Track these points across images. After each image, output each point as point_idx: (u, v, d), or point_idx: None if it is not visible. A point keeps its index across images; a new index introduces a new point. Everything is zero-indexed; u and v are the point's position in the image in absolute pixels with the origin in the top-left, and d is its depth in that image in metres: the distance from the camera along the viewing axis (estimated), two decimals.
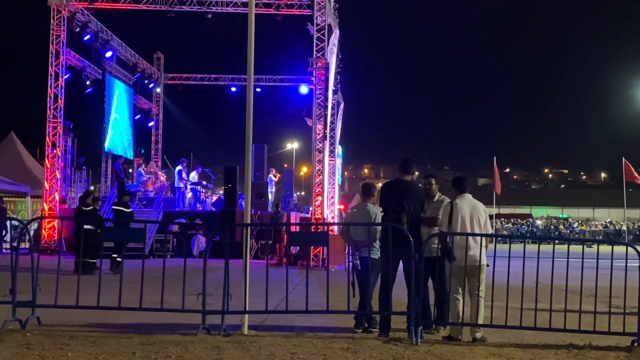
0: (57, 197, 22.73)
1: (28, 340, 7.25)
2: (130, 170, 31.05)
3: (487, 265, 8.08)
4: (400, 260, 8.29)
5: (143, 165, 28.91)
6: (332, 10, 24.02)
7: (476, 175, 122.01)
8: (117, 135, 30.16)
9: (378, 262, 8.53)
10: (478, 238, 8.04)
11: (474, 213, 8.20)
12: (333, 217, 25.63)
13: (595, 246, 8.87)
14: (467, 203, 8.27)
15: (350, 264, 8.65)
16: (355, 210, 9.43)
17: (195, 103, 47.77)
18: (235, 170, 24.47)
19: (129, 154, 31.45)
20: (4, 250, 21.62)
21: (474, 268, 7.97)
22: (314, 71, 22.47)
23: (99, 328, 8.21)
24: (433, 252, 8.15)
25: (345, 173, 76.04)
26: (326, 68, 22.22)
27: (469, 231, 8.09)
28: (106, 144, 29.15)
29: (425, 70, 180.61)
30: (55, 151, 22.79)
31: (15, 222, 17.65)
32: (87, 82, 27.57)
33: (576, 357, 7.14)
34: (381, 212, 8.66)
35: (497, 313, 8.12)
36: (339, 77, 27.62)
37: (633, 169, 37.10)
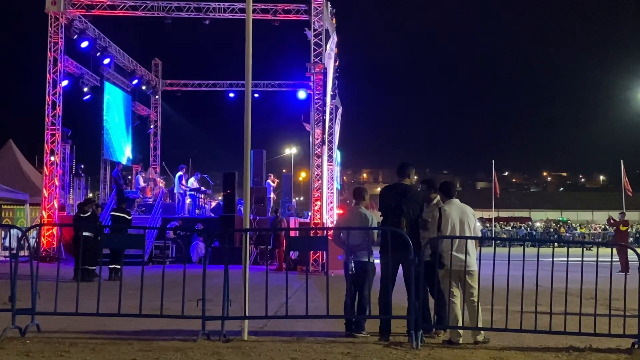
0: (55, 205, 22.70)
1: (28, 348, 7.24)
2: (129, 177, 31.03)
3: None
4: (400, 265, 8.29)
5: (142, 172, 28.90)
6: (329, 16, 24.05)
7: (475, 179, 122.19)
8: (116, 142, 30.15)
9: (373, 266, 8.55)
10: (469, 244, 8.04)
11: (463, 218, 8.21)
12: (332, 222, 25.60)
13: (594, 248, 8.85)
14: (456, 208, 8.26)
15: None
16: (348, 214, 9.40)
17: (194, 109, 47.90)
18: (234, 175, 24.45)
19: (128, 161, 31.44)
20: (2, 258, 21.61)
21: (466, 273, 7.98)
22: (312, 76, 22.47)
23: (99, 335, 8.19)
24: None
25: (345, 178, 76.10)
26: (324, 73, 22.21)
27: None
28: (104, 151, 29.14)
29: (423, 74, 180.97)
30: (53, 158, 22.75)
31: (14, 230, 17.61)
32: (85, 89, 27.57)
33: None
34: (380, 216, 8.66)
35: (498, 316, 8.12)
36: (336, 82, 27.62)
37: (628, 181, 37.32)
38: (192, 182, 27.32)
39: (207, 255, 8.92)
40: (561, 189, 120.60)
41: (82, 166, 28.80)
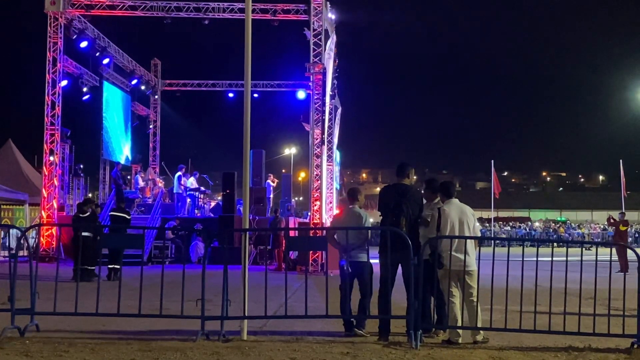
0: (55, 205, 22.69)
1: (27, 348, 7.24)
2: (128, 177, 31.00)
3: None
4: (399, 264, 8.29)
5: (141, 172, 28.89)
6: (329, 16, 24.04)
7: (475, 179, 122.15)
8: (115, 142, 30.15)
9: (370, 265, 8.57)
10: (468, 244, 8.04)
11: (462, 218, 8.21)
12: (332, 222, 25.59)
13: (594, 248, 8.86)
14: (455, 208, 8.27)
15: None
16: (343, 214, 9.43)
17: (193, 109, 47.92)
18: (234, 176, 24.46)
19: (126, 161, 31.42)
20: (1, 258, 21.59)
21: (465, 273, 7.98)
22: (311, 76, 22.46)
23: (98, 335, 8.19)
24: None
25: (345, 178, 76.11)
26: (323, 73, 22.22)
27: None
28: (103, 151, 29.12)
29: (422, 74, 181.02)
30: (53, 158, 22.74)
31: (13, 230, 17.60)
32: (85, 89, 27.58)
33: None
34: (380, 216, 8.67)
35: (497, 316, 8.12)
36: (336, 82, 27.63)
37: (625, 181, 37.46)
38: (192, 182, 27.32)
39: (206, 255, 8.92)
40: (560, 188, 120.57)
41: (82, 166, 28.79)
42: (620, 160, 38.67)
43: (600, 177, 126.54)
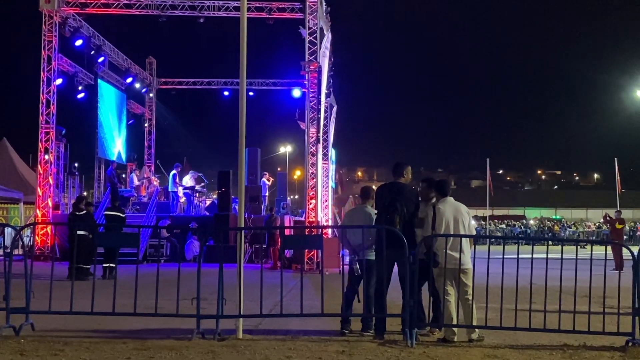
0: (50, 203, 22.64)
1: (22, 347, 7.23)
2: (123, 176, 30.93)
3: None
4: (395, 263, 8.30)
5: (136, 171, 28.83)
6: (324, 14, 24.03)
7: (469, 177, 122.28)
8: (110, 141, 30.05)
9: (374, 263, 8.57)
10: (463, 242, 8.06)
11: (457, 216, 8.23)
12: (327, 220, 25.61)
13: (588, 246, 8.88)
14: (450, 206, 8.29)
15: (347, 267, 8.68)
16: (353, 212, 9.45)
17: (188, 107, 47.71)
18: (229, 174, 24.42)
19: (119, 158, 31.33)
20: None
21: (461, 271, 8.00)
22: (307, 74, 22.44)
23: (93, 334, 8.19)
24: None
25: (340, 177, 75.95)
26: (319, 71, 22.22)
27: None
28: (98, 150, 29.03)
29: (417, 72, 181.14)
30: (47, 157, 22.70)
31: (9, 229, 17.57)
32: (79, 88, 27.51)
33: (571, 358, 7.16)
34: (376, 214, 8.68)
35: (492, 314, 8.13)
36: (331, 80, 27.61)
37: (620, 179, 37.56)
38: (187, 180, 27.28)
39: (201, 254, 8.91)
40: (555, 187, 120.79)
41: (77, 165, 28.72)
42: (615, 159, 38.83)
43: (595, 176, 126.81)
